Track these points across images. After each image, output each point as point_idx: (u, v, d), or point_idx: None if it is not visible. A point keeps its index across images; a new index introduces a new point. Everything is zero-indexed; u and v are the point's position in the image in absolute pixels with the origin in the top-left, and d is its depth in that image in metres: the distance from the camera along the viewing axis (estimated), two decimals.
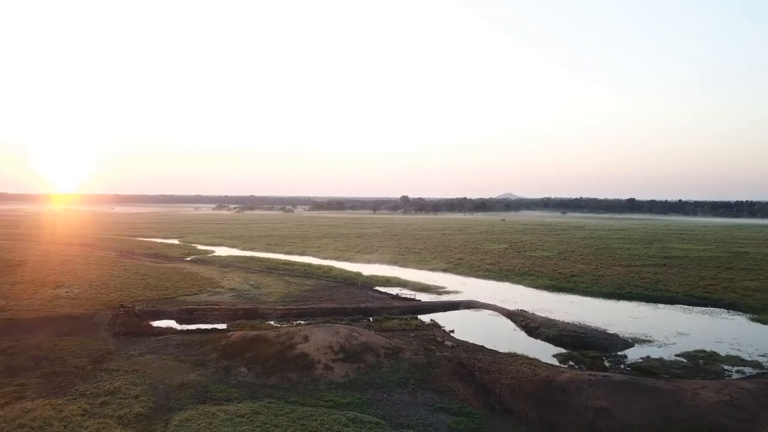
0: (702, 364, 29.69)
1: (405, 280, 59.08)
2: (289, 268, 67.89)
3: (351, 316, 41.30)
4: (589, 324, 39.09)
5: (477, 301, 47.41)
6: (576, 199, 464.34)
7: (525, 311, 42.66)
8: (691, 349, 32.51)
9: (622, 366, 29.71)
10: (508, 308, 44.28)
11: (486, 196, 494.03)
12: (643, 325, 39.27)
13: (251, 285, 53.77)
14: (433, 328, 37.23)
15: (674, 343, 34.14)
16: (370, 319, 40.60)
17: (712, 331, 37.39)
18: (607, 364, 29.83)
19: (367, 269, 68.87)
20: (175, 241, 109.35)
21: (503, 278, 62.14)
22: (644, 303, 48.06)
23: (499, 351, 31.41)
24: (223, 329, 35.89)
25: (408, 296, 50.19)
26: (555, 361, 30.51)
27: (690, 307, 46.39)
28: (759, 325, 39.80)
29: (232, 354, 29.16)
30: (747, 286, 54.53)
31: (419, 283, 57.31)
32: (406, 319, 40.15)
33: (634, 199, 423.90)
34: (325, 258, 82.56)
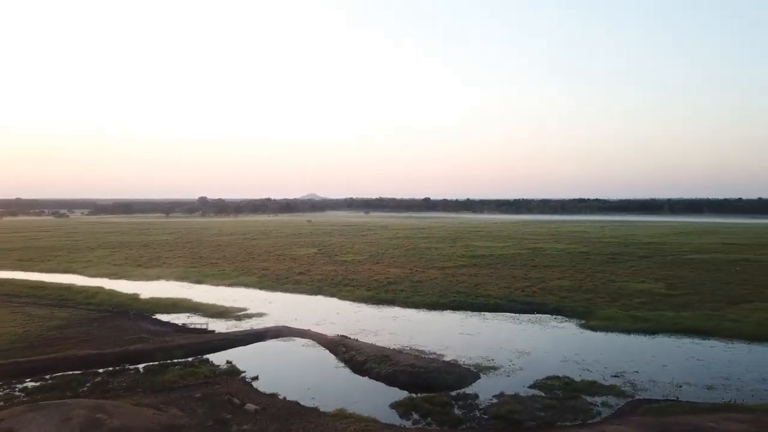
0: (563, 398, 24.47)
1: (197, 303, 47.69)
2: (39, 294, 51.79)
3: (112, 366, 29.50)
4: (422, 348, 32.63)
5: (288, 327, 38.44)
6: (377, 199, 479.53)
7: (346, 337, 34.86)
8: (541, 375, 27.41)
9: (478, 414, 23.16)
10: (326, 334, 36.07)
11: (291, 197, 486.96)
12: (479, 344, 33.93)
13: None
14: (229, 378, 27.35)
15: (521, 368, 28.92)
16: (141, 368, 29.29)
17: (552, 347, 33.22)
18: (460, 414, 23.05)
19: (149, 289, 55.64)
20: None
21: (316, 291, 54.05)
22: (470, 313, 43.54)
23: (322, 409, 22.94)
24: None
25: (199, 326, 39.31)
26: (396, 416, 22.93)
27: (517, 315, 42.87)
28: (590, 333, 36.96)
29: None
30: (561, 286, 53.75)
31: (215, 306, 46.45)
32: (193, 365, 29.59)
33: (429, 198, 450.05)
34: (95, 276, 66.39)
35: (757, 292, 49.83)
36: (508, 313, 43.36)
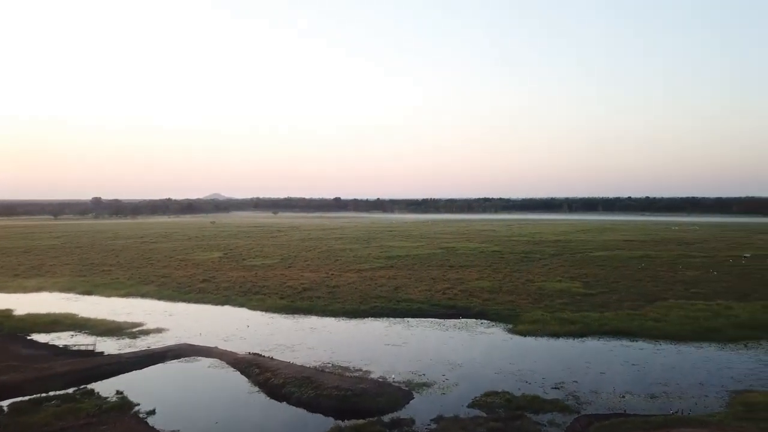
0: (506, 418, 22.19)
1: (84, 318, 41.60)
2: None
3: None
4: (346, 364, 29.46)
5: (191, 345, 33.82)
6: (286, 198, 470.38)
7: (260, 356, 30.98)
8: (479, 391, 25.13)
9: None
10: (236, 352, 31.94)
11: (193, 197, 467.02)
12: (408, 356, 31.24)
13: None
14: (119, 415, 22.72)
15: (456, 384, 26.49)
16: (5, 407, 23.93)
17: (484, 358, 31.15)
18: None
19: (26, 304, 48.39)
20: None
21: (223, 300, 49.28)
22: (394, 320, 40.87)
23: None
24: None
25: (84, 347, 33.74)
26: None
27: (442, 320, 40.71)
28: (520, 339, 35.32)
29: None
30: (481, 287, 52.45)
31: (105, 322, 40.65)
32: (74, 399, 24.56)
33: (340, 198, 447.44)
34: None
35: (668, 289, 50.91)
36: (432, 319, 41.09)
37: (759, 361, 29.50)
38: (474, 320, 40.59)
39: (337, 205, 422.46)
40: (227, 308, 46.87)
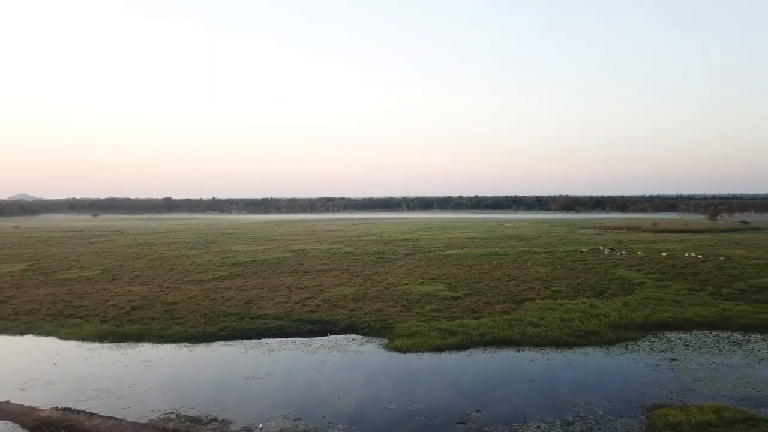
0: None
1: None
2: None
3: None
4: (196, 413, 22.62)
5: None
6: (108, 199, 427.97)
7: (73, 411, 22.84)
8: None
9: None
10: (36, 408, 23.32)
11: None
12: (276, 395, 25.21)
13: None
14: None
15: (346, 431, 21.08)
16: None
17: (368, 388, 26.36)
18: None
19: None
20: None
21: (23, 329, 38.45)
22: (250, 343, 34.24)
23: None
24: None
25: None
26: None
27: (308, 339, 35.01)
28: (401, 357, 30.96)
29: None
30: (344, 295, 47.55)
31: None
32: None
33: (171, 197, 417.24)
34: None
35: (529, 288, 50.36)
36: (296, 339, 35.19)
37: (648, 366, 28.20)
38: (344, 337, 35.47)
39: (168, 205, 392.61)
40: (29, 339, 36.51)
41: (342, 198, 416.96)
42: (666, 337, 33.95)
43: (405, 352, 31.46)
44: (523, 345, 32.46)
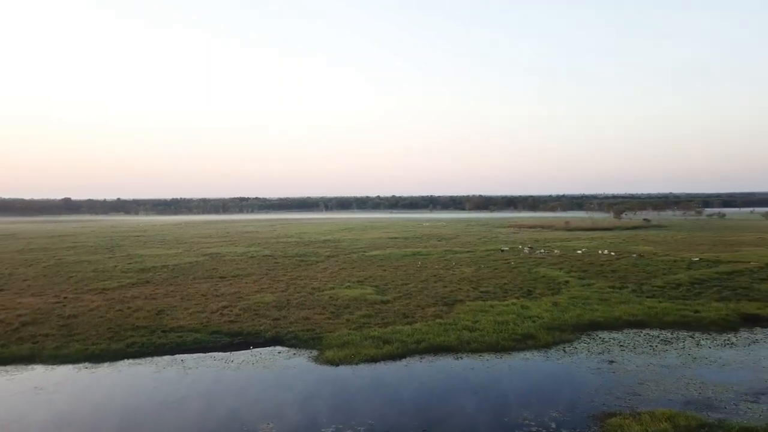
0: None
1: None
2: None
3: None
4: None
5: None
6: None
7: None
8: None
9: None
10: None
11: None
12: (194, 425, 22.03)
13: None
14: None
15: None
16: None
17: (302, 414, 23.77)
18: None
19: None
20: None
21: None
22: (162, 361, 30.54)
23: None
24: None
25: None
26: None
27: (229, 354, 31.77)
28: (333, 371, 28.52)
29: None
30: (266, 302, 44.33)
31: None
32: None
33: (71, 198, 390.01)
34: None
35: (458, 290, 49.39)
36: (215, 354, 31.85)
37: (589, 371, 27.46)
38: (269, 350, 32.53)
39: (67, 206, 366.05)
40: None
41: (257, 198, 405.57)
42: (600, 338, 33.67)
43: (338, 365, 29.06)
44: (461, 351, 30.97)
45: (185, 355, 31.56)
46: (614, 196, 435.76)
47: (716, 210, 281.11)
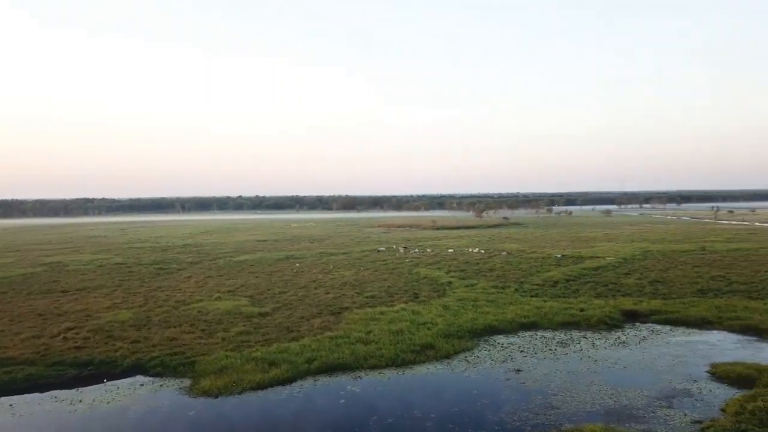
0: None
1: None
2: None
3: None
4: None
5: None
6: None
7: None
8: None
9: None
10: None
11: None
12: None
13: None
14: None
15: None
16: None
17: None
18: None
19: None
20: None
21: None
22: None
23: None
24: None
25: None
26: None
27: (76, 392, 25.56)
28: (214, 404, 23.82)
29: None
30: (120, 321, 37.65)
31: None
32: None
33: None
34: None
35: (341, 295, 46.22)
36: (58, 392, 25.53)
37: (498, 382, 25.61)
38: (128, 382, 26.85)
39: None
40: None
41: (104, 199, 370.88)
42: (498, 343, 32.23)
43: (217, 396, 24.35)
44: (359, 369, 27.74)
45: (14, 397, 24.88)
46: (471, 196, 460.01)
47: (563, 208, 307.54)
